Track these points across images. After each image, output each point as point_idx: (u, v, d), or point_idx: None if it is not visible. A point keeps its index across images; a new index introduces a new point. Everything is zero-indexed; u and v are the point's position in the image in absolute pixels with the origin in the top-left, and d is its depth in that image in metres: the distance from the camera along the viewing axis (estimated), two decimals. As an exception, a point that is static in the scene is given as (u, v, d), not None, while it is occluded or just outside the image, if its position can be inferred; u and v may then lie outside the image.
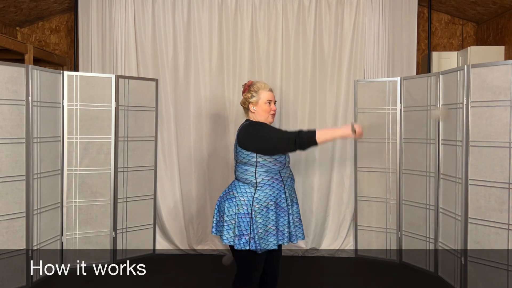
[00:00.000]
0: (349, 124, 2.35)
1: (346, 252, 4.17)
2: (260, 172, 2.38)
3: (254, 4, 4.18)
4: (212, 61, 4.19)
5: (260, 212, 2.36)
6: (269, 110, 2.47)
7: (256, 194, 2.38)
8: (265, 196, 2.38)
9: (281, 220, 2.41)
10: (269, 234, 2.38)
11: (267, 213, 2.38)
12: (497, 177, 3.02)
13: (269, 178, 2.39)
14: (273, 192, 2.40)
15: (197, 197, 4.20)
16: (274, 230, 2.39)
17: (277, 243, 2.40)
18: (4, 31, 4.55)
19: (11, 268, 3.21)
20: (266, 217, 2.38)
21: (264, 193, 2.38)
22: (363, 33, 4.17)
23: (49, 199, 3.54)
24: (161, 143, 4.20)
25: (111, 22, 4.22)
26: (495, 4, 4.16)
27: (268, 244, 2.37)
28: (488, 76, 3.06)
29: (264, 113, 2.47)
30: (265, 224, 2.37)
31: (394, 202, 3.95)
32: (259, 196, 2.37)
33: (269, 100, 2.48)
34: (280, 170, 2.41)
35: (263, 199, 2.37)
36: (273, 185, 2.40)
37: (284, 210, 2.42)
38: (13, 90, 3.19)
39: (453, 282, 3.37)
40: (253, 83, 2.54)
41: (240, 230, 2.35)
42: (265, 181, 2.38)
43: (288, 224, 2.43)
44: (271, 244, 2.38)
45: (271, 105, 2.48)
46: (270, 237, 2.39)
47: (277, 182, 2.40)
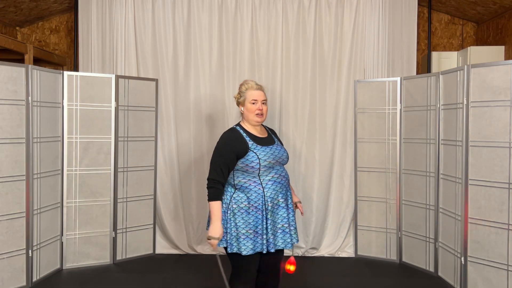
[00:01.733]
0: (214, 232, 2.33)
1: (346, 252, 4.17)
2: (237, 175, 2.38)
3: (254, 4, 4.18)
4: (212, 61, 4.19)
5: (237, 213, 2.35)
6: (254, 110, 2.42)
7: (235, 194, 2.38)
8: (243, 197, 2.36)
9: (260, 225, 2.35)
10: (246, 238, 2.33)
11: (245, 215, 2.35)
12: (497, 177, 3.02)
13: (246, 181, 2.36)
14: (251, 195, 2.36)
15: (197, 197, 4.20)
16: (251, 234, 2.34)
17: (254, 249, 2.33)
18: (4, 31, 4.55)
19: (11, 268, 3.22)
20: (244, 220, 2.34)
21: (242, 194, 2.36)
22: (363, 33, 4.17)
23: (49, 199, 3.55)
24: (161, 143, 4.20)
25: (111, 22, 4.22)
26: (495, 4, 4.16)
27: (245, 249, 2.32)
28: (488, 76, 3.06)
29: (249, 113, 2.44)
30: (242, 226, 2.34)
31: (394, 202, 3.95)
32: (237, 196, 2.37)
33: (255, 99, 2.43)
34: (259, 173, 2.37)
35: (241, 200, 2.36)
36: (250, 188, 2.36)
37: (263, 215, 2.36)
38: (13, 90, 3.19)
39: (453, 282, 3.37)
40: (242, 83, 2.51)
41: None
42: (242, 183, 2.37)
43: (266, 230, 2.35)
44: (247, 249, 2.32)
45: (257, 105, 2.43)
46: (247, 241, 2.33)
47: (255, 185, 2.36)
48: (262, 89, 2.50)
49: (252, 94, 2.44)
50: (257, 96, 2.44)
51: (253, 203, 2.35)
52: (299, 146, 4.16)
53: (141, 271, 3.70)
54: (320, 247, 4.18)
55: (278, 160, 2.43)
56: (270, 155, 2.39)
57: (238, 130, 2.45)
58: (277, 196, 2.42)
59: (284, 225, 2.42)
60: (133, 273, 3.65)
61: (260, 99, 2.44)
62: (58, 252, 3.67)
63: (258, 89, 2.47)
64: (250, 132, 2.46)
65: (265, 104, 2.48)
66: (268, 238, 2.36)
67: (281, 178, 2.45)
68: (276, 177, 2.42)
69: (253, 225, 2.34)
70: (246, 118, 2.48)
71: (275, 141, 2.53)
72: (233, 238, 2.34)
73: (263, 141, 2.45)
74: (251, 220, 2.35)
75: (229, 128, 2.50)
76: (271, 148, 2.43)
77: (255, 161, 2.34)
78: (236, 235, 2.34)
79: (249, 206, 2.35)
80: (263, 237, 2.34)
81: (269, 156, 2.38)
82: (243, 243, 2.32)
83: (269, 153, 2.40)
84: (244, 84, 2.50)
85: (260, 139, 2.45)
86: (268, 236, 2.35)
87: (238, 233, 2.34)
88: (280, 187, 2.44)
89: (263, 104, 2.46)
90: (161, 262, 3.95)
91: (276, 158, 2.42)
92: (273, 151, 2.43)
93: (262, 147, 2.40)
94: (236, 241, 2.34)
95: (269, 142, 2.48)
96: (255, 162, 2.34)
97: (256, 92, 2.45)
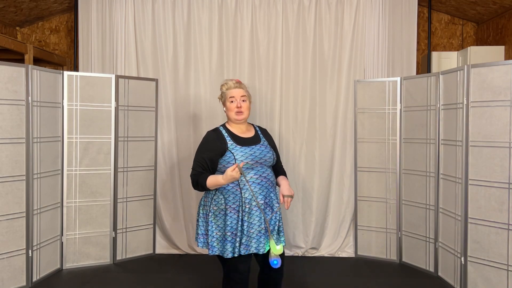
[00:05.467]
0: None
1: (346, 252, 4.17)
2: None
3: (254, 4, 4.18)
4: (212, 61, 4.19)
5: (217, 215, 2.36)
6: (233, 108, 2.43)
7: (215, 196, 2.39)
8: (222, 199, 2.36)
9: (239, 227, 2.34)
10: (225, 240, 2.34)
11: (224, 217, 2.35)
12: (497, 177, 3.02)
13: None
14: (228, 196, 2.36)
15: (197, 197, 4.20)
16: (229, 237, 2.33)
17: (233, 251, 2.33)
18: (4, 31, 4.55)
19: (11, 268, 3.22)
20: (223, 221, 2.35)
21: (222, 195, 2.36)
22: (363, 33, 4.17)
23: (49, 199, 3.55)
24: (161, 143, 4.20)
25: (111, 22, 4.22)
26: (495, 4, 4.16)
27: (225, 251, 2.33)
28: (488, 76, 3.06)
29: (230, 112, 2.47)
30: (222, 228, 2.35)
31: (394, 202, 3.95)
32: (217, 198, 2.38)
33: (232, 97, 2.43)
34: None
35: (220, 201, 2.37)
36: (228, 189, 2.36)
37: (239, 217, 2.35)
38: (13, 90, 3.19)
39: (453, 282, 3.37)
40: (222, 84, 2.52)
41: (201, 230, 2.45)
42: None
43: (242, 232, 2.34)
44: (227, 252, 2.32)
45: (235, 103, 2.43)
46: (226, 244, 2.33)
47: (232, 186, 2.36)
48: (242, 86, 2.48)
49: (230, 92, 2.45)
50: (235, 93, 2.45)
51: (231, 204, 2.35)
52: (299, 146, 4.16)
53: (141, 271, 3.70)
54: (320, 247, 4.18)
55: (258, 161, 2.40)
56: (249, 155, 2.37)
57: (221, 130, 2.47)
58: (258, 198, 2.38)
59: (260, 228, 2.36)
60: (133, 273, 3.65)
61: (238, 96, 2.44)
62: (58, 252, 3.67)
63: (236, 87, 2.46)
64: (233, 132, 2.47)
65: (246, 101, 2.46)
66: (243, 241, 2.33)
67: (261, 179, 2.40)
68: (255, 178, 2.38)
69: (231, 227, 2.34)
70: (228, 117, 2.50)
71: (261, 141, 2.50)
72: (215, 240, 2.37)
73: (245, 141, 2.43)
74: (229, 222, 2.35)
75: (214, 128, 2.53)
76: (252, 149, 2.41)
77: (231, 162, 2.34)
78: (217, 237, 2.36)
79: (227, 208, 2.35)
80: (242, 239, 2.33)
81: (247, 156, 2.36)
82: (223, 245, 2.34)
83: (248, 154, 2.38)
84: (224, 84, 2.51)
85: (242, 139, 2.44)
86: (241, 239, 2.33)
87: (220, 235, 2.35)
88: (260, 188, 2.39)
89: (243, 102, 2.44)
90: (161, 262, 3.95)
91: (256, 158, 2.39)
92: (254, 152, 2.40)
93: (241, 147, 2.39)
94: (217, 243, 2.36)
95: (253, 142, 2.46)
96: (232, 163, 2.34)
97: (234, 90, 2.45)
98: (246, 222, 2.35)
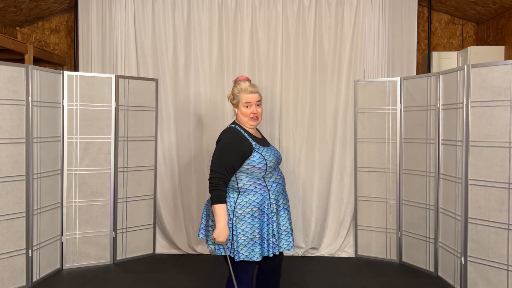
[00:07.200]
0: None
1: (346, 252, 4.17)
2: (241, 177, 2.29)
3: (254, 4, 4.18)
4: (212, 61, 4.19)
5: (242, 219, 2.26)
6: (248, 114, 2.32)
7: (239, 199, 2.27)
8: (248, 202, 2.27)
9: (266, 228, 2.28)
10: (255, 244, 2.25)
11: (251, 220, 2.26)
12: (497, 177, 3.02)
13: (251, 183, 2.29)
14: (256, 198, 2.28)
15: (197, 197, 4.20)
16: (258, 239, 2.26)
17: (262, 253, 2.26)
18: (4, 31, 4.55)
19: (11, 268, 3.21)
20: (250, 224, 2.26)
21: (247, 198, 2.27)
22: (363, 33, 4.17)
23: (49, 199, 3.54)
24: (161, 143, 4.20)
25: (111, 22, 4.22)
26: (495, 4, 4.16)
27: (254, 255, 2.24)
28: (488, 76, 3.06)
29: (244, 117, 2.34)
30: (249, 232, 2.26)
31: (394, 202, 3.95)
32: (241, 201, 2.27)
33: (248, 102, 2.32)
34: (264, 175, 2.31)
35: (246, 205, 2.27)
36: (256, 190, 2.28)
37: (269, 218, 2.30)
38: (13, 90, 3.19)
39: (453, 282, 3.37)
40: (236, 83, 2.40)
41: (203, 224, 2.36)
42: (247, 186, 2.28)
43: (273, 232, 2.30)
44: (256, 255, 2.24)
45: (251, 108, 2.33)
46: (255, 247, 2.25)
47: (260, 187, 2.29)
48: (257, 90, 2.37)
49: (246, 98, 2.32)
50: (251, 99, 2.32)
51: (258, 206, 2.28)
52: (299, 146, 4.16)
53: (141, 271, 3.70)
54: (320, 247, 4.18)
55: (277, 161, 2.40)
56: (273, 156, 2.35)
57: (240, 130, 2.35)
58: (280, 198, 2.38)
59: (288, 227, 2.39)
60: (133, 273, 3.65)
61: (254, 102, 2.33)
62: (58, 252, 3.67)
63: (251, 92, 2.33)
64: (250, 132, 2.39)
65: (260, 105, 2.37)
66: (274, 241, 2.30)
67: (282, 179, 2.41)
68: (278, 178, 2.38)
69: (259, 230, 2.27)
70: (240, 121, 2.38)
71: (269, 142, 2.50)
72: (240, 245, 2.25)
73: (262, 142, 2.40)
74: (258, 225, 2.27)
75: (228, 127, 2.40)
76: (270, 149, 2.39)
77: (262, 162, 2.28)
78: (243, 241, 2.25)
79: (255, 210, 2.28)
80: (269, 241, 2.28)
81: (273, 157, 2.34)
82: (251, 249, 2.25)
83: (271, 154, 2.35)
84: (237, 85, 2.38)
85: (259, 139, 2.41)
86: (274, 239, 2.30)
87: (245, 239, 2.25)
88: (282, 188, 2.40)
89: (258, 107, 2.35)
90: (161, 262, 3.95)
91: (277, 159, 2.39)
92: (274, 152, 2.39)
93: (264, 147, 2.34)
94: (243, 248, 2.25)
95: (267, 142, 2.45)
96: (262, 163, 2.27)
97: (250, 95, 2.32)
98: (275, 222, 2.32)
